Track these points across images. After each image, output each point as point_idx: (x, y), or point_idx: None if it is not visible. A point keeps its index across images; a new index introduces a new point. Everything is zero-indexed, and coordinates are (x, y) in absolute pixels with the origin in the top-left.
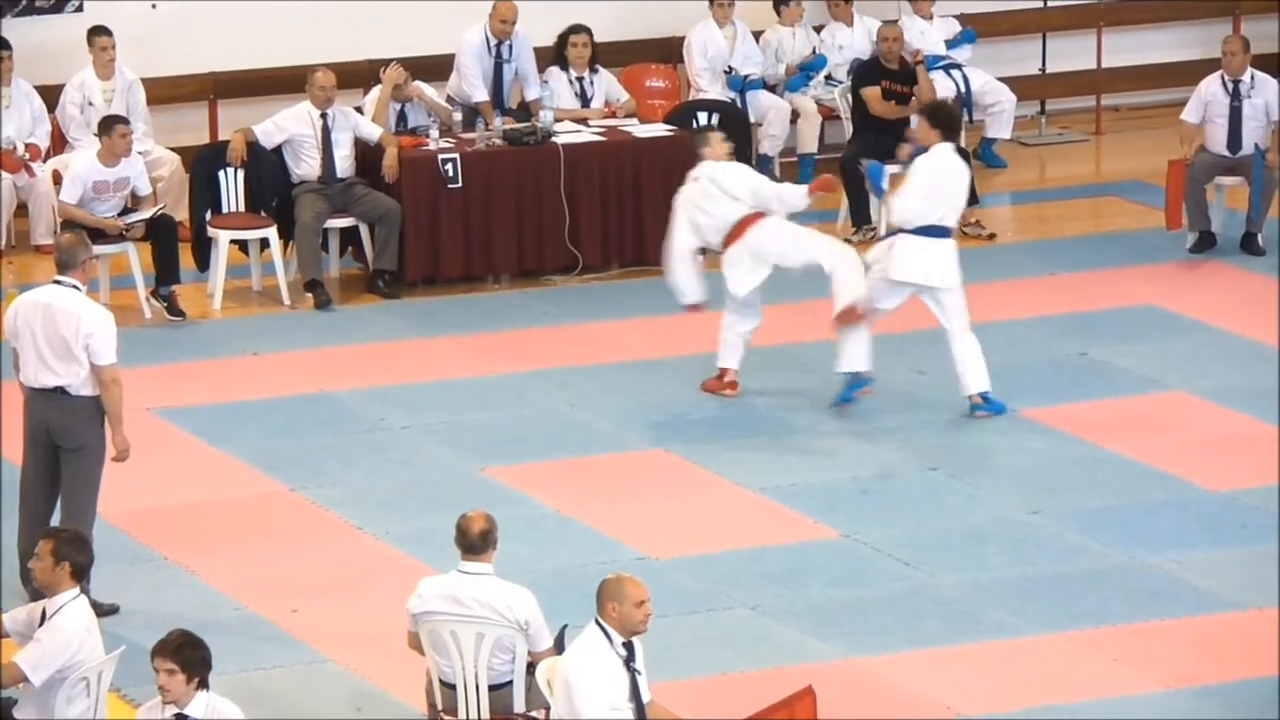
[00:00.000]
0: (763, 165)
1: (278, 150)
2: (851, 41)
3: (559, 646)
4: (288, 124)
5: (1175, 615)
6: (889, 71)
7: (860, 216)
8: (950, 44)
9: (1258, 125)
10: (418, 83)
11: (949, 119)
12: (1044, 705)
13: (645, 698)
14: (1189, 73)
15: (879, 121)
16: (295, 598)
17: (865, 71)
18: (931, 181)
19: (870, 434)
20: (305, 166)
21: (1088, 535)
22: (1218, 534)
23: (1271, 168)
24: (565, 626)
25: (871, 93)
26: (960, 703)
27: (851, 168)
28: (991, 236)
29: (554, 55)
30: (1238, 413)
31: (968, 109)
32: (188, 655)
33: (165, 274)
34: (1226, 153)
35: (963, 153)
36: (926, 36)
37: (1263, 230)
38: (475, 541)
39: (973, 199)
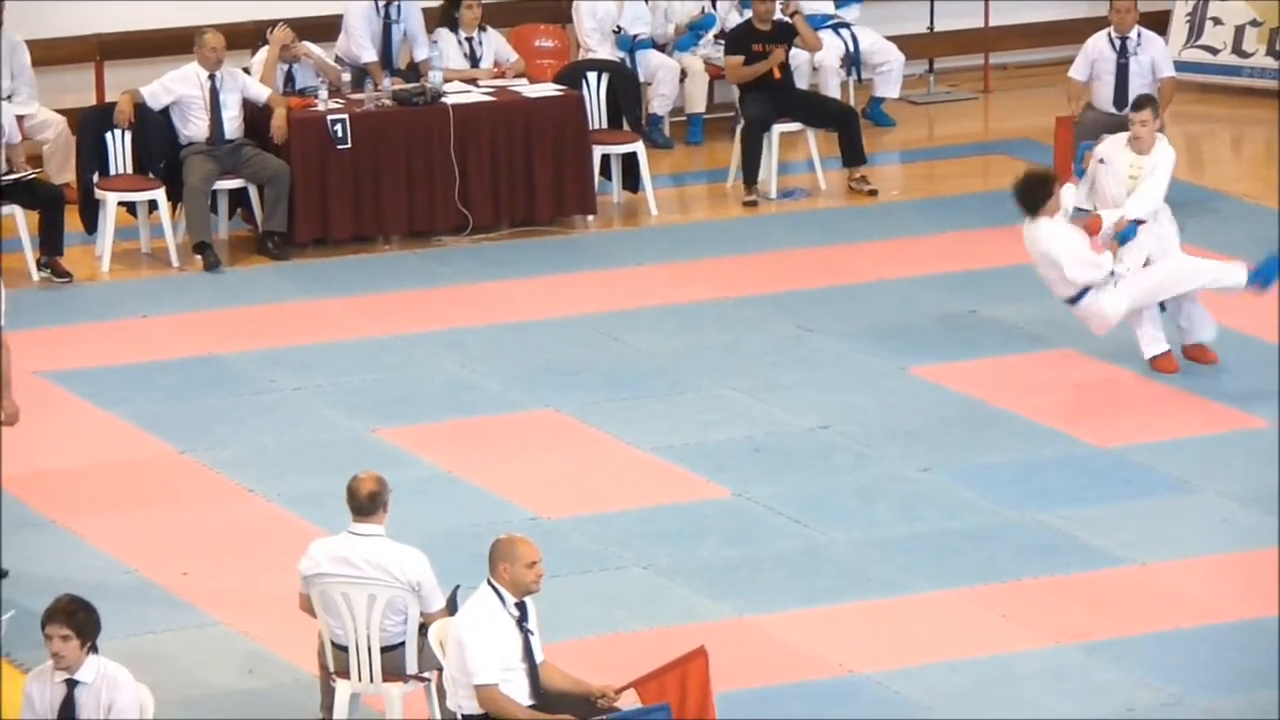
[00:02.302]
0: (653, 124)
1: (165, 112)
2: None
3: (451, 608)
4: (175, 85)
5: (1064, 571)
6: (761, 33)
7: (751, 175)
8: (838, 3)
9: (1144, 82)
10: (305, 43)
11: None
12: (935, 662)
13: (538, 658)
14: (1076, 30)
15: (767, 80)
16: (186, 560)
17: (736, 36)
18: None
19: (761, 392)
20: (193, 128)
21: (977, 492)
22: (1105, 490)
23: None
24: (458, 587)
25: (731, 61)
26: (852, 659)
27: (749, 128)
28: (873, 193)
29: (442, 16)
30: (1126, 370)
31: (856, 68)
32: (81, 620)
33: (50, 244)
34: (1113, 110)
35: None
36: None
37: None
38: (365, 503)
39: (860, 158)
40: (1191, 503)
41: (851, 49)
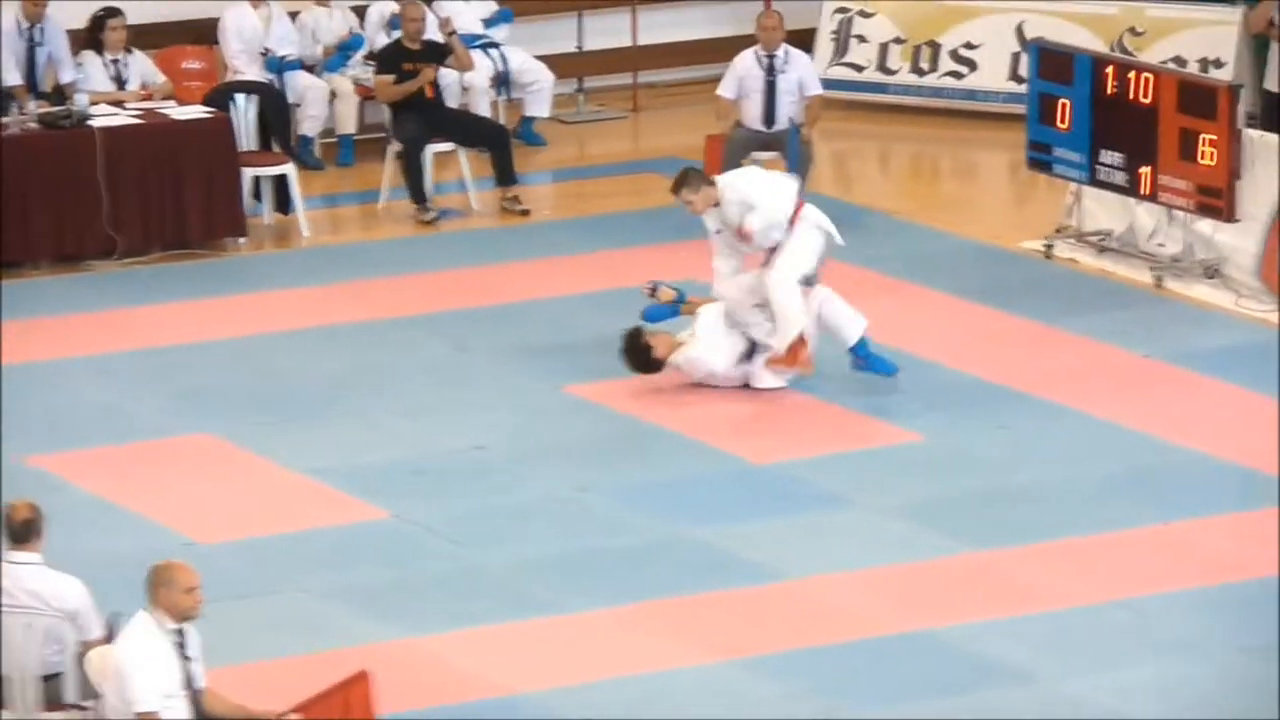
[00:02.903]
0: (303, 145)
1: None
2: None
3: (109, 636)
4: None
5: (722, 587)
6: (411, 52)
7: (419, 194)
8: (488, 23)
9: (791, 100)
10: None
11: None
12: (595, 680)
13: (200, 684)
14: (724, 49)
15: (419, 100)
16: None
17: (387, 55)
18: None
19: (416, 413)
20: None
21: (634, 510)
22: (761, 506)
23: (806, 142)
24: (116, 614)
25: (381, 80)
26: (512, 680)
27: (408, 149)
28: (525, 212)
29: (88, 38)
30: (786, 386)
31: (506, 87)
32: None
33: None
34: (762, 127)
35: None
36: (463, 16)
37: None
38: (19, 530)
39: (511, 178)
40: (846, 517)
41: (501, 68)
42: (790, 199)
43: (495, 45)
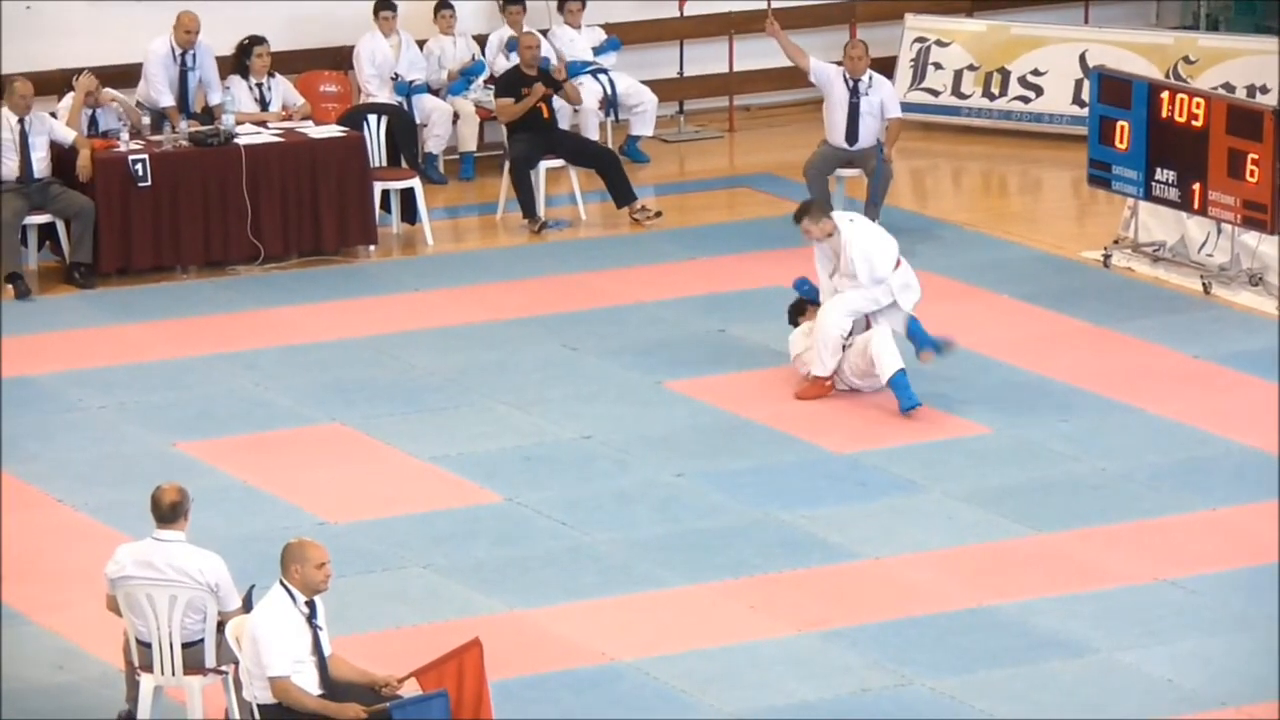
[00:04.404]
0: (429, 161)
1: None
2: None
3: (247, 606)
4: None
5: (805, 565)
6: (528, 77)
7: (529, 208)
8: (597, 50)
9: (874, 121)
10: (108, 89)
11: None
12: (689, 650)
13: (327, 651)
14: None
15: (534, 121)
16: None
17: (506, 79)
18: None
19: (530, 406)
20: (5, 168)
21: (726, 494)
22: (842, 492)
23: (887, 160)
24: (253, 587)
25: (501, 103)
26: (613, 648)
27: (517, 166)
28: (658, 215)
29: (235, 63)
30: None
31: (614, 110)
32: None
33: None
34: (846, 145)
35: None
36: (575, 44)
37: (879, 217)
38: (167, 511)
39: (630, 195)
40: (919, 502)
41: (609, 92)
42: (893, 259)
43: (604, 71)
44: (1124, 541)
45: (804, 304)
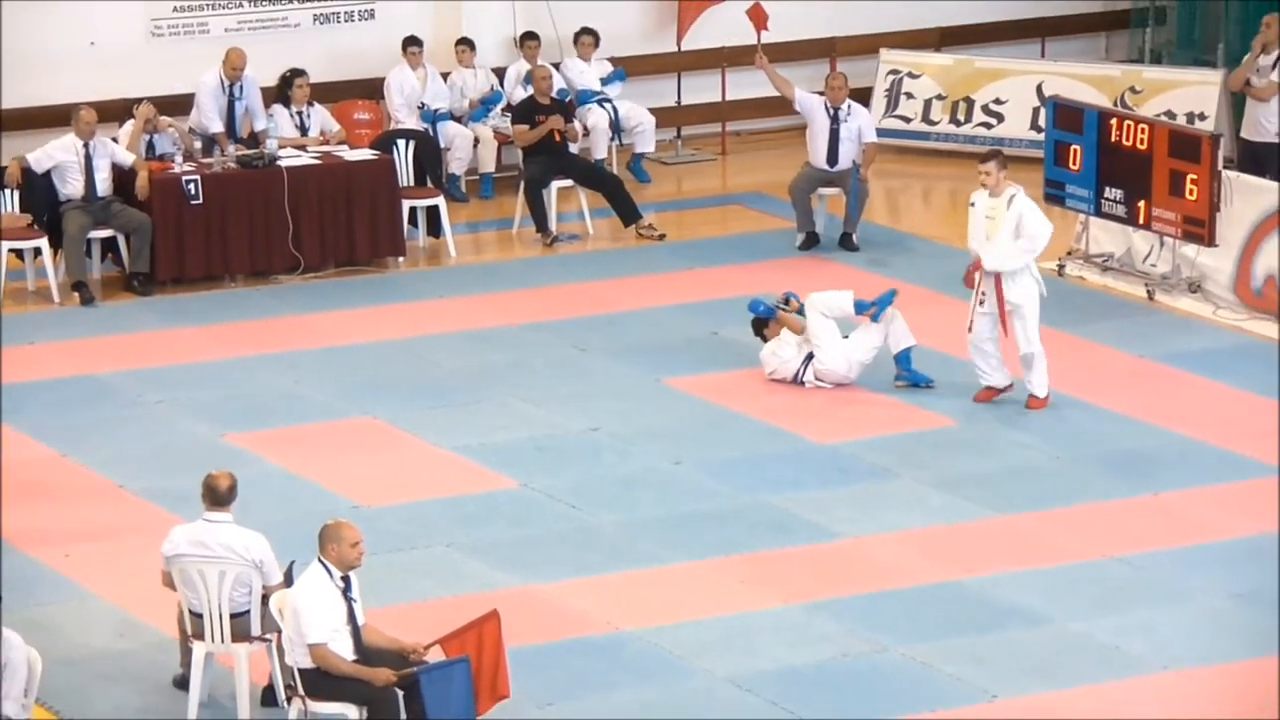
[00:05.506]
0: (452, 181)
1: (48, 174)
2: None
3: (288, 579)
4: (56, 152)
5: (791, 544)
6: (542, 106)
7: (543, 223)
8: (604, 81)
9: (852, 145)
10: (164, 117)
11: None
12: (687, 620)
13: (360, 621)
14: None
15: (547, 145)
16: (67, 544)
17: (521, 108)
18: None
19: (542, 401)
20: (71, 187)
21: (719, 480)
22: (823, 477)
23: (864, 180)
24: (293, 562)
25: (518, 129)
26: (618, 619)
27: (531, 186)
28: (662, 237)
29: (278, 93)
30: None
31: (618, 134)
32: None
33: None
34: (827, 166)
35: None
36: (585, 75)
37: (857, 231)
38: (223, 495)
39: (635, 213)
40: (893, 487)
41: (614, 118)
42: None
43: (609, 100)
44: (1077, 522)
45: (763, 322)
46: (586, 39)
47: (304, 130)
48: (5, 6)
